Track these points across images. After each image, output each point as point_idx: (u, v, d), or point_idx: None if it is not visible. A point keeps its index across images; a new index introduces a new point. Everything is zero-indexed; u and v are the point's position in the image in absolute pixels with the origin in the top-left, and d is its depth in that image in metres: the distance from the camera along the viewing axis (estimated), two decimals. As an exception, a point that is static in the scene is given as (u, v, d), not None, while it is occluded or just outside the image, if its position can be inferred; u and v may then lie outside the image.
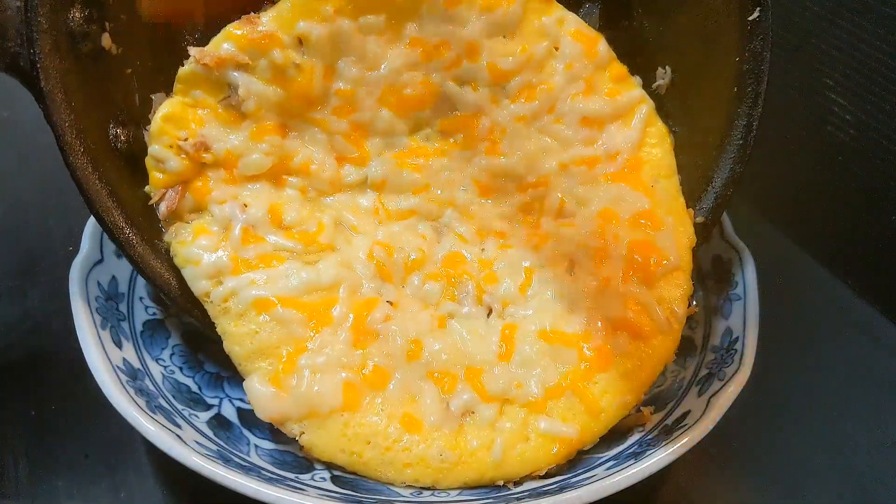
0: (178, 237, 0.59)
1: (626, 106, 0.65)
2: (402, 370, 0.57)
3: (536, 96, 0.64)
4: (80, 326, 0.57)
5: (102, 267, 0.64)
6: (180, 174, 0.58)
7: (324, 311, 0.58)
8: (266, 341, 0.56)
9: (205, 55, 0.57)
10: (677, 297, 0.60)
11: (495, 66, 0.62)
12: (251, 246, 0.58)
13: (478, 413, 0.56)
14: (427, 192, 0.64)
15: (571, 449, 0.56)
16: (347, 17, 0.59)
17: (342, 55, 0.60)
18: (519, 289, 0.62)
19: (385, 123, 0.63)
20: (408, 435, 0.55)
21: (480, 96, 0.63)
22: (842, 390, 0.69)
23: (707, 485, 0.61)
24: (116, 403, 0.52)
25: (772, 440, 0.64)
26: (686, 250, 0.62)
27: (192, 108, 0.59)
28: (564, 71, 0.64)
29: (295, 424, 0.54)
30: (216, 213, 0.59)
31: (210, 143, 0.58)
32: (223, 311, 0.57)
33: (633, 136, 0.65)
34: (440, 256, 0.63)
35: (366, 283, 0.60)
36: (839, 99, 0.76)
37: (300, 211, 0.61)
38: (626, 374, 0.58)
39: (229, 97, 0.59)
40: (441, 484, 0.55)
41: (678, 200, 0.65)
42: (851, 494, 0.61)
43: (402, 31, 0.60)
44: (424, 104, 0.63)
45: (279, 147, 0.60)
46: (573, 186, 0.64)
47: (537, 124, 0.64)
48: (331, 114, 0.61)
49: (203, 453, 0.51)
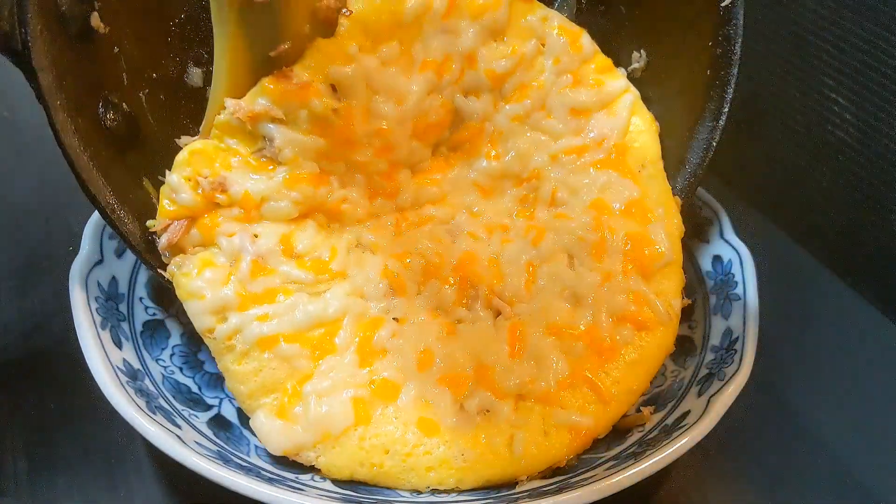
0: (181, 269, 0.57)
1: (612, 95, 0.67)
2: (413, 380, 0.57)
3: (529, 94, 0.66)
4: (80, 327, 0.57)
5: (102, 267, 0.64)
6: (190, 209, 0.57)
7: (328, 342, 0.57)
8: (270, 378, 0.56)
9: (239, 109, 0.55)
10: (672, 289, 0.63)
11: (492, 71, 0.63)
12: (260, 279, 0.57)
13: (494, 411, 0.56)
14: (443, 201, 0.66)
15: (588, 438, 0.57)
16: (368, 52, 0.58)
17: (374, 93, 0.59)
18: (524, 285, 0.62)
19: (416, 156, 0.64)
20: (427, 438, 0.55)
21: (484, 103, 0.65)
22: (842, 390, 0.69)
23: (707, 485, 0.61)
24: (116, 404, 0.52)
25: (772, 440, 0.64)
26: (676, 241, 0.64)
27: (224, 152, 0.58)
28: (552, 66, 0.66)
29: (310, 451, 0.54)
30: (224, 245, 0.57)
31: (228, 185, 0.57)
32: (227, 348, 0.56)
33: (618, 123, 0.67)
34: (455, 258, 0.63)
35: (373, 306, 0.60)
36: (839, 99, 0.76)
37: (314, 238, 0.60)
38: (632, 364, 0.60)
39: (263, 149, 0.57)
40: (465, 484, 0.55)
41: (665, 187, 0.67)
42: (852, 495, 0.61)
43: (412, 54, 0.60)
44: (444, 127, 0.64)
45: (311, 196, 0.59)
46: (564, 176, 0.66)
47: (530, 121, 0.67)
48: (373, 156, 0.61)
49: (203, 454, 0.51)
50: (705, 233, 0.73)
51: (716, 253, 0.71)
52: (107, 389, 0.53)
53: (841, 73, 0.75)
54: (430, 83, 0.61)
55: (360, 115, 0.59)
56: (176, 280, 0.57)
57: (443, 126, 0.64)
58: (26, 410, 0.62)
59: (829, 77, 0.77)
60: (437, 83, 0.62)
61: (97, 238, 0.65)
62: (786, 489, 0.61)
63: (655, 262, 0.63)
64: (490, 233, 0.66)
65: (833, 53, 0.75)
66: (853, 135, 0.76)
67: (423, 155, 0.65)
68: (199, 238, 0.58)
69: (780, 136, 0.85)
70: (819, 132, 0.80)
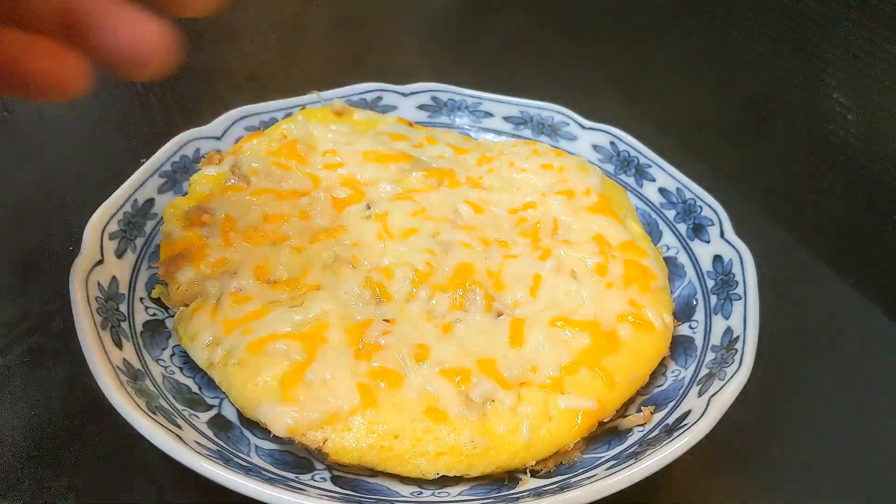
0: (180, 321, 0.63)
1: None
2: (413, 370, 0.57)
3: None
4: (81, 327, 0.57)
5: (103, 268, 0.64)
6: (184, 241, 0.67)
7: (319, 336, 0.59)
8: (269, 374, 0.57)
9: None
10: (665, 308, 0.66)
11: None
12: (240, 307, 0.62)
13: (499, 400, 0.56)
14: (424, 212, 0.71)
15: (593, 420, 0.57)
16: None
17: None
18: (529, 292, 0.65)
19: (372, 174, 0.76)
20: (435, 426, 0.55)
21: (447, 162, 0.79)
22: (842, 390, 0.69)
23: (706, 485, 0.61)
24: (116, 404, 0.52)
25: (772, 440, 0.64)
26: (665, 275, 0.70)
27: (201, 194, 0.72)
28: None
29: (317, 432, 0.54)
30: (209, 288, 0.63)
31: (210, 210, 0.68)
32: (224, 368, 0.58)
33: (594, 179, 0.78)
34: (449, 269, 0.65)
35: (358, 311, 0.61)
36: (840, 98, 0.76)
37: (288, 261, 0.65)
38: (633, 352, 0.61)
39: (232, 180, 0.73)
40: (474, 470, 0.55)
41: (645, 236, 0.75)
42: (852, 494, 0.61)
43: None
44: (402, 160, 0.77)
45: (275, 205, 0.70)
46: (560, 212, 0.74)
47: (503, 175, 0.78)
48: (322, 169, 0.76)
49: (204, 454, 0.51)
50: (706, 233, 0.73)
51: (716, 253, 0.71)
52: (107, 390, 0.52)
53: (842, 73, 0.75)
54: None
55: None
56: (178, 333, 0.63)
57: (398, 159, 0.78)
58: (26, 410, 0.62)
59: (831, 77, 0.77)
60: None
61: (97, 238, 0.65)
62: (786, 489, 0.61)
63: (653, 283, 0.67)
64: (486, 245, 0.69)
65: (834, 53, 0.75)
66: (854, 135, 0.76)
67: (384, 174, 0.77)
68: (193, 273, 0.64)
69: (781, 137, 0.85)
70: (820, 132, 0.80)
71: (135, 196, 0.71)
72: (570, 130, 0.88)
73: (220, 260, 0.65)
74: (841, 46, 0.74)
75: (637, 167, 0.82)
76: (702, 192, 0.76)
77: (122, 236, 0.68)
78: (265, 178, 0.73)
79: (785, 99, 0.82)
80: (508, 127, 0.91)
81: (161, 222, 0.71)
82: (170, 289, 0.65)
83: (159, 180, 0.74)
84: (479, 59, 1.24)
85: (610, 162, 0.85)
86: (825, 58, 0.76)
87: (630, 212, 0.78)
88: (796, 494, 0.61)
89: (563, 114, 0.89)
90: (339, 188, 0.74)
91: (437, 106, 0.92)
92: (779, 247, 0.85)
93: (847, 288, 0.80)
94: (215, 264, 0.65)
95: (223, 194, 0.71)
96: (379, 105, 0.91)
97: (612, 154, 0.85)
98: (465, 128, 0.91)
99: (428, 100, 0.92)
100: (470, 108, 0.92)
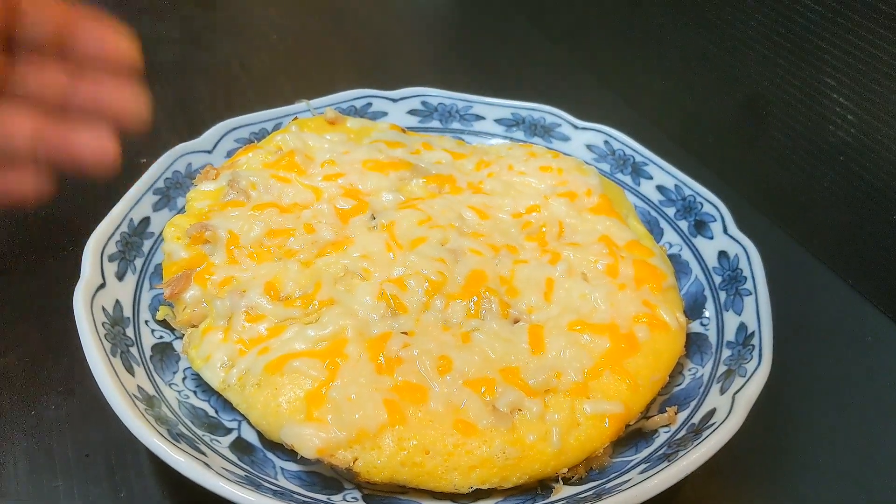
0: (191, 343, 0.61)
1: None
2: (437, 382, 0.56)
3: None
4: (91, 356, 0.55)
5: (105, 291, 0.62)
6: (187, 261, 0.65)
7: (338, 352, 0.57)
8: (291, 394, 0.55)
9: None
10: (677, 307, 0.67)
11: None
12: (254, 325, 0.60)
13: (526, 409, 0.56)
14: (430, 220, 0.70)
15: (621, 424, 0.57)
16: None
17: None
18: (543, 297, 0.64)
19: (373, 183, 0.75)
20: (466, 439, 0.54)
21: (446, 168, 0.79)
22: (843, 390, 0.70)
23: (707, 485, 0.61)
24: (139, 435, 0.50)
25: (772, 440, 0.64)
26: (672, 273, 0.70)
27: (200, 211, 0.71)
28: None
29: (347, 451, 0.53)
30: (218, 308, 0.61)
31: (212, 227, 0.67)
32: (242, 390, 0.57)
33: (594, 180, 0.78)
34: (461, 277, 0.65)
35: (374, 325, 0.60)
36: (840, 99, 0.77)
37: (298, 278, 0.64)
38: (652, 354, 0.61)
39: (231, 195, 0.71)
40: (507, 481, 0.54)
41: (648, 235, 0.76)
42: (852, 494, 0.61)
43: None
44: (401, 168, 0.77)
45: (278, 219, 0.69)
46: (564, 214, 0.74)
47: (503, 179, 0.78)
48: (322, 180, 0.74)
49: (234, 480, 0.49)
50: (708, 229, 0.74)
51: (721, 249, 0.71)
52: (129, 421, 0.50)
53: (842, 73, 0.76)
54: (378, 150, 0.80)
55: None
56: (189, 356, 0.61)
57: (397, 166, 0.77)
58: (26, 411, 0.61)
59: (830, 77, 0.77)
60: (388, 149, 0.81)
61: (97, 261, 0.63)
62: (786, 488, 0.61)
63: (663, 282, 0.67)
64: (496, 251, 0.68)
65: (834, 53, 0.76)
66: (854, 135, 0.77)
67: (384, 183, 0.76)
68: (199, 292, 0.63)
69: (781, 137, 0.86)
70: (820, 132, 0.80)
71: (130, 215, 0.69)
72: (562, 131, 0.88)
73: (226, 279, 0.64)
74: (840, 47, 0.75)
75: (633, 165, 0.83)
76: (701, 188, 0.77)
77: (121, 258, 0.66)
78: (265, 192, 0.72)
79: (784, 99, 0.83)
80: (501, 129, 0.90)
81: (159, 241, 0.69)
82: (175, 310, 0.64)
83: (154, 197, 0.72)
84: (470, 60, 1.24)
85: (605, 161, 0.85)
86: (825, 58, 0.77)
87: (630, 211, 0.79)
88: (796, 494, 0.61)
89: (555, 114, 0.89)
90: (342, 199, 0.72)
91: (427, 110, 0.91)
92: (778, 247, 0.85)
93: (848, 288, 0.81)
94: (222, 283, 0.63)
95: (223, 210, 0.69)
96: (368, 111, 0.90)
97: (606, 153, 0.85)
98: (457, 132, 0.90)
99: (418, 104, 0.91)
100: (461, 111, 0.91)
